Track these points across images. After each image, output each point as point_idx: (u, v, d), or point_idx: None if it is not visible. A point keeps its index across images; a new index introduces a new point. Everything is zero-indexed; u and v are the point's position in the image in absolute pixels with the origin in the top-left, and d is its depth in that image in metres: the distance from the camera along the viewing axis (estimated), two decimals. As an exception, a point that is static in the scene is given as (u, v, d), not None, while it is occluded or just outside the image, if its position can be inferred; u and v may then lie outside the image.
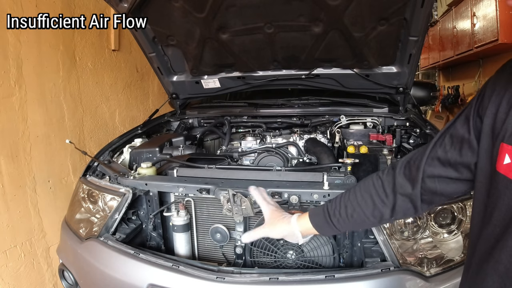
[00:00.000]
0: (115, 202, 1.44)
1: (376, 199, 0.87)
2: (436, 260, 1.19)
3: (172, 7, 1.60)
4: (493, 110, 0.68)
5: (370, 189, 0.88)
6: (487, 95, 0.70)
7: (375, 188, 0.88)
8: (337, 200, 0.94)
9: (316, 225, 0.96)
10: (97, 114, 2.80)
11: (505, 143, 0.64)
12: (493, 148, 0.68)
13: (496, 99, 0.68)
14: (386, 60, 1.81)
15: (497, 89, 0.68)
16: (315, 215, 0.97)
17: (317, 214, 0.97)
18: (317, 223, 0.96)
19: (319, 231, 0.97)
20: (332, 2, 1.47)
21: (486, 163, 0.70)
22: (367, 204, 0.88)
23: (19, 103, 2.09)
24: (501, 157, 0.65)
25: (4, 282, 2.01)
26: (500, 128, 0.66)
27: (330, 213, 0.93)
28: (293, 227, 0.99)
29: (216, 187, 1.32)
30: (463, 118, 0.76)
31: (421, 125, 1.78)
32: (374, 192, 0.87)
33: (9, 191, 2.03)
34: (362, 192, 0.90)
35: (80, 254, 1.41)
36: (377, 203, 0.86)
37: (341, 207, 0.92)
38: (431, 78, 7.20)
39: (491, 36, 3.48)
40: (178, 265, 1.20)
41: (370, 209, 0.87)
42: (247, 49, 1.83)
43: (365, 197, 0.88)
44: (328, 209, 0.94)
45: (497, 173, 0.67)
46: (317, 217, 0.97)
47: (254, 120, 2.14)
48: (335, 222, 0.92)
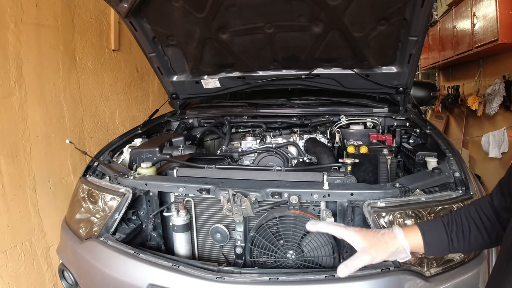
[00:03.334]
0: (115, 202, 1.43)
1: (491, 219, 0.86)
2: (436, 260, 1.19)
3: (172, 7, 1.60)
4: None
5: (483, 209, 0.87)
6: None
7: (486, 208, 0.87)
8: (450, 215, 0.89)
9: (429, 240, 0.87)
10: (97, 114, 2.80)
11: None
12: None
13: None
14: (386, 60, 1.81)
15: None
16: (431, 230, 0.88)
17: (435, 230, 0.88)
18: (430, 237, 0.87)
19: (428, 249, 0.88)
20: (332, 2, 1.47)
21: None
22: (483, 223, 0.86)
23: (19, 103, 2.09)
24: None
25: (4, 282, 2.01)
26: None
27: (447, 227, 0.87)
28: (401, 241, 0.86)
29: (216, 187, 1.32)
30: None
31: (421, 125, 1.78)
32: (488, 212, 0.86)
33: (9, 191, 2.03)
34: (476, 209, 0.88)
35: (80, 254, 1.41)
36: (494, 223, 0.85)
37: (458, 223, 0.87)
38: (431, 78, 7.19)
39: (491, 36, 3.48)
40: (178, 265, 1.20)
41: (488, 228, 0.86)
42: (247, 49, 1.83)
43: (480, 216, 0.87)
44: (444, 223, 0.88)
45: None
46: (433, 233, 0.88)
47: (254, 120, 2.14)
48: (453, 237, 0.86)
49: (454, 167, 1.34)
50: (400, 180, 1.28)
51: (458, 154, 1.45)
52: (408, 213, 1.19)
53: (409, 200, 1.20)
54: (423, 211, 1.18)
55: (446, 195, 1.23)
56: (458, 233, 0.86)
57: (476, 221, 0.86)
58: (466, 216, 0.87)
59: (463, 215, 0.88)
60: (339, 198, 1.24)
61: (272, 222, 1.28)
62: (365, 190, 1.22)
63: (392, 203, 1.19)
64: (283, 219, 1.27)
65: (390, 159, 1.59)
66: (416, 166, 1.54)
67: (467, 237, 0.86)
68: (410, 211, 1.18)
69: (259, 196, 1.28)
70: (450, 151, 1.45)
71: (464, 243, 0.86)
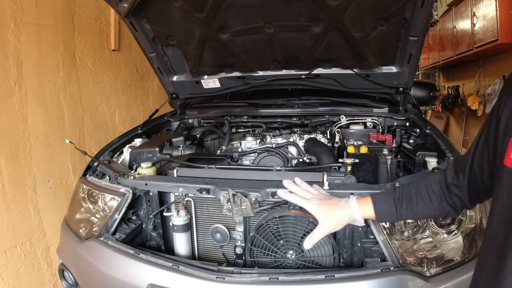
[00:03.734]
0: (115, 202, 1.43)
1: (438, 195, 0.94)
2: (436, 260, 1.19)
3: (172, 7, 1.60)
4: (507, 112, 0.74)
5: (432, 185, 0.96)
6: (502, 99, 0.77)
7: (435, 185, 0.96)
8: (402, 190, 0.99)
9: (380, 211, 0.99)
10: (97, 114, 2.80)
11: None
12: (503, 143, 0.73)
13: (508, 102, 0.74)
14: (386, 60, 1.81)
15: (509, 92, 0.75)
16: (382, 202, 1.00)
17: (385, 202, 1.00)
18: (382, 209, 0.99)
19: (379, 218, 1.01)
20: (332, 2, 1.47)
21: (498, 161, 0.75)
22: (431, 199, 0.95)
23: (19, 103, 2.09)
24: (509, 151, 0.70)
25: (4, 282, 2.01)
26: (511, 126, 0.72)
27: (397, 202, 0.98)
28: (354, 211, 1.00)
29: (216, 187, 1.32)
30: (490, 119, 0.82)
31: (421, 125, 1.78)
32: (436, 189, 0.95)
33: (9, 191, 2.03)
34: (425, 186, 0.97)
35: (80, 254, 1.41)
36: (440, 199, 0.94)
37: (407, 198, 0.97)
38: (431, 78, 7.20)
39: (491, 36, 3.48)
40: (178, 265, 1.20)
41: (434, 204, 0.95)
42: (247, 49, 1.83)
43: (429, 192, 0.96)
44: (395, 198, 0.98)
45: (504, 166, 0.71)
46: (383, 205, 0.99)
47: (254, 120, 2.14)
48: (402, 211, 0.97)
49: (454, 167, 1.34)
50: (400, 180, 1.28)
51: (458, 154, 1.44)
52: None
53: (409, 200, 1.20)
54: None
55: (446, 195, 1.23)
56: (407, 207, 0.97)
57: (424, 197, 0.96)
58: (416, 193, 0.97)
59: (414, 191, 0.97)
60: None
61: (272, 222, 1.28)
62: (365, 190, 1.22)
63: (392, 203, 1.19)
64: (283, 219, 1.27)
65: (390, 159, 1.59)
66: (416, 166, 1.54)
67: (415, 210, 0.96)
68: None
69: (259, 196, 1.28)
70: (450, 151, 1.45)
71: (412, 214, 0.98)
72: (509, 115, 0.73)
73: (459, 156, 0.95)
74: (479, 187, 0.87)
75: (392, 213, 0.98)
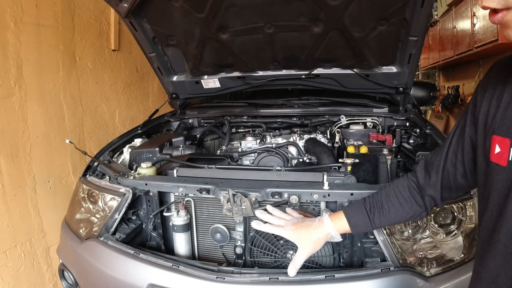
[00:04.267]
0: (115, 202, 1.43)
1: (408, 199, 0.96)
2: (436, 260, 1.19)
3: (172, 7, 1.61)
4: (485, 108, 0.76)
5: (401, 191, 0.98)
6: (479, 96, 0.79)
7: (404, 190, 0.98)
8: (372, 200, 1.00)
9: (354, 224, 1.00)
10: (97, 114, 2.80)
11: (495, 134, 0.72)
12: (486, 142, 0.75)
13: (486, 98, 0.76)
14: (386, 60, 1.81)
15: (487, 89, 0.77)
16: (354, 215, 1.01)
17: (357, 214, 1.01)
18: (356, 222, 1.00)
19: (354, 230, 1.02)
20: (332, 2, 1.47)
21: (481, 157, 0.77)
22: (401, 205, 0.97)
23: (19, 103, 2.09)
24: (493, 147, 0.73)
25: (4, 282, 2.01)
26: (491, 123, 0.74)
27: (369, 213, 0.99)
28: (329, 229, 1.01)
29: (216, 187, 1.32)
30: (463, 120, 0.84)
31: (421, 125, 1.78)
32: (405, 193, 0.97)
33: (9, 191, 2.03)
34: (394, 193, 0.98)
35: (80, 254, 1.41)
36: (410, 203, 0.96)
37: (378, 207, 0.99)
38: (431, 78, 7.19)
39: (491, 36, 3.48)
40: (178, 265, 1.20)
41: (406, 208, 0.96)
42: (247, 49, 1.83)
43: (399, 198, 0.97)
44: (367, 209, 0.99)
45: (490, 162, 0.73)
46: (356, 217, 1.00)
47: (254, 120, 2.14)
48: (376, 221, 0.98)
49: (454, 167, 1.34)
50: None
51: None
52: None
53: (409, 200, 1.20)
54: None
55: (446, 195, 1.23)
56: (379, 215, 0.98)
57: (394, 204, 0.97)
58: (386, 200, 0.98)
59: (384, 199, 0.99)
60: (339, 198, 1.24)
61: (272, 222, 1.28)
62: (365, 190, 1.22)
63: (392, 203, 1.19)
64: (283, 219, 1.26)
65: (390, 159, 1.59)
66: (416, 166, 1.54)
67: (387, 217, 0.98)
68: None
69: (259, 196, 1.28)
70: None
71: (385, 221, 0.99)
72: (487, 114, 0.75)
73: (429, 155, 0.94)
74: (452, 186, 0.89)
75: (366, 223, 0.99)
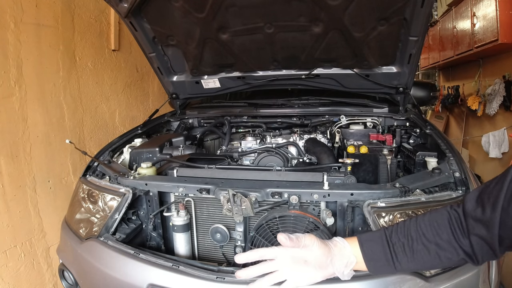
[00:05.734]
0: (115, 202, 1.43)
1: (446, 236, 0.71)
2: (436, 260, 1.19)
3: (172, 7, 1.61)
4: None
5: (438, 221, 0.73)
6: None
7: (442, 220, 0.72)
8: (398, 230, 0.74)
9: (369, 253, 0.74)
10: (97, 114, 2.80)
11: None
12: None
13: None
14: (386, 60, 1.81)
15: None
16: (369, 240, 0.75)
17: (373, 240, 0.74)
18: (371, 250, 0.74)
19: (368, 265, 0.77)
20: (332, 2, 1.47)
21: None
22: (437, 244, 0.71)
23: (19, 103, 2.09)
24: None
25: (4, 282, 2.00)
26: None
27: (390, 241, 0.73)
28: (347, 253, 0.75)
29: (216, 187, 1.32)
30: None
31: (421, 125, 1.78)
32: (443, 226, 0.72)
33: (9, 191, 2.03)
34: (430, 224, 0.73)
35: (80, 254, 1.40)
36: (448, 243, 0.71)
37: (405, 242, 0.72)
38: (431, 78, 7.20)
39: (491, 36, 3.48)
40: (178, 265, 1.19)
41: (442, 250, 0.71)
42: (247, 49, 1.83)
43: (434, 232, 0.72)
44: (388, 240, 0.73)
45: None
46: (372, 244, 0.75)
47: (254, 120, 2.14)
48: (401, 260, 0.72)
49: (454, 167, 1.34)
50: (400, 180, 1.28)
51: (458, 154, 1.44)
52: (408, 213, 1.19)
53: (409, 200, 1.20)
54: (423, 211, 1.18)
55: (446, 195, 1.23)
56: (403, 246, 0.72)
57: (427, 235, 0.71)
58: (415, 228, 0.74)
59: (412, 226, 0.74)
60: (339, 198, 1.24)
61: (272, 222, 1.28)
62: (365, 190, 1.22)
63: (392, 203, 1.19)
64: (283, 219, 1.26)
65: (390, 159, 1.59)
66: (416, 166, 1.54)
67: (414, 252, 0.72)
68: (410, 211, 1.18)
69: (259, 196, 1.28)
70: (450, 151, 1.45)
71: (413, 259, 0.72)
72: None
73: (487, 183, 0.68)
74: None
75: (384, 253, 0.76)
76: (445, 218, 0.72)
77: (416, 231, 0.73)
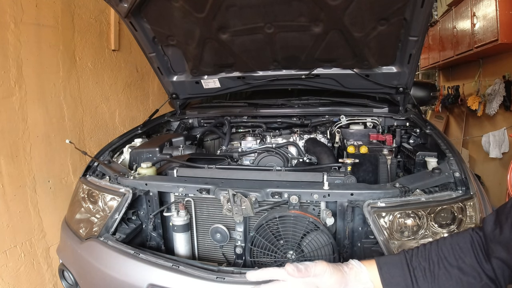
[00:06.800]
0: (115, 202, 1.43)
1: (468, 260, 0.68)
2: (436, 260, 1.18)
3: (172, 7, 1.61)
4: None
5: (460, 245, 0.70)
6: None
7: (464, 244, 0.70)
8: (419, 254, 0.72)
9: (387, 278, 0.70)
10: (97, 114, 2.80)
11: None
12: None
13: None
14: (386, 60, 1.81)
15: None
16: (388, 263, 0.71)
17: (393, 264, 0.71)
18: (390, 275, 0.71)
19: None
20: (332, 2, 1.47)
21: None
22: (459, 268, 0.69)
23: (19, 103, 2.09)
24: None
25: (4, 282, 2.01)
26: None
27: (410, 265, 0.70)
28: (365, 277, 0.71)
29: (216, 187, 1.32)
30: None
31: (421, 125, 1.78)
32: (465, 250, 0.69)
33: (9, 191, 2.03)
34: (452, 247, 0.70)
35: (80, 254, 1.40)
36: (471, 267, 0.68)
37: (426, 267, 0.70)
38: (431, 78, 7.20)
39: (491, 36, 3.48)
40: (178, 265, 1.19)
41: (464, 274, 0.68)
42: (247, 49, 1.83)
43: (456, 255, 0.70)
44: (409, 264, 0.70)
45: None
46: (391, 267, 0.71)
47: (254, 120, 2.14)
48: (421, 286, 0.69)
49: (454, 167, 1.34)
50: (400, 180, 1.28)
51: (458, 154, 1.44)
52: (408, 213, 1.19)
53: (409, 200, 1.20)
54: (423, 211, 1.18)
55: (446, 195, 1.23)
56: (424, 270, 0.69)
57: (449, 259, 0.69)
58: (436, 252, 0.71)
59: (433, 249, 0.72)
60: (339, 198, 1.24)
61: (272, 222, 1.28)
62: (365, 190, 1.22)
63: (392, 203, 1.19)
64: (283, 219, 1.27)
65: (390, 159, 1.59)
66: (416, 166, 1.54)
67: (435, 277, 0.68)
68: (410, 211, 1.18)
69: (259, 196, 1.28)
70: (450, 151, 1.45)
71: (434, 284, 0.69)
72: None
73: (506, 203, 0.66)
74: None
75: (404, 278, 0.71)
76: (467, 241, 0.70)
77: (437, 254, 0.71)
